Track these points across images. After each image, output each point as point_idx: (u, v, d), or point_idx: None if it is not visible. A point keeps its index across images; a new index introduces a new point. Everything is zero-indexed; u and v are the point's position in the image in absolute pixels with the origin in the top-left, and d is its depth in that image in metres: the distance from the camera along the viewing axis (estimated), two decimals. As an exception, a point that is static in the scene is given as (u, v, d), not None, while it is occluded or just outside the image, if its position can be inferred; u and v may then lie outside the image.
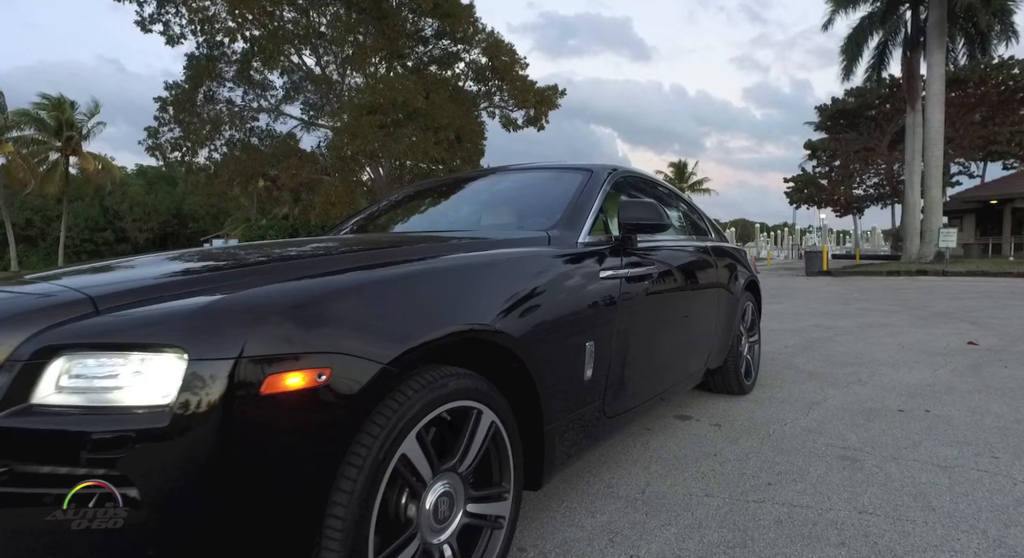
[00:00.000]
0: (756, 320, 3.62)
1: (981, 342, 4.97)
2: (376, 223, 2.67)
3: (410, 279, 1.29)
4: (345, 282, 1.20)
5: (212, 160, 17.16)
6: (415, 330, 1.21)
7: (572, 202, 2.09)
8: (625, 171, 2.53)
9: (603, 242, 2.05)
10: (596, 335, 1.81)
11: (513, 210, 2.34)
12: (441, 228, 2.38)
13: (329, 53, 16.76)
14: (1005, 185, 26.13)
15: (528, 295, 1.54)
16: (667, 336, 2.42)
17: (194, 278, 1.23)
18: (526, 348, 1.48)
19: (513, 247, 1.70)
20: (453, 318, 1.31)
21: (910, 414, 2.90)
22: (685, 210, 3.21)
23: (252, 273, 1.24)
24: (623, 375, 2.03)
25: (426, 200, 2.76)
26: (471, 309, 1.37)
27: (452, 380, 1.29)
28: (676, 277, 2.46)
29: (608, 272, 1.90)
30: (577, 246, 1.92)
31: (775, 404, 3.16)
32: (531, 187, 2.48)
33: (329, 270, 1.26)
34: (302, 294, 1.10)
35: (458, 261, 1.45)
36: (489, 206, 2.44)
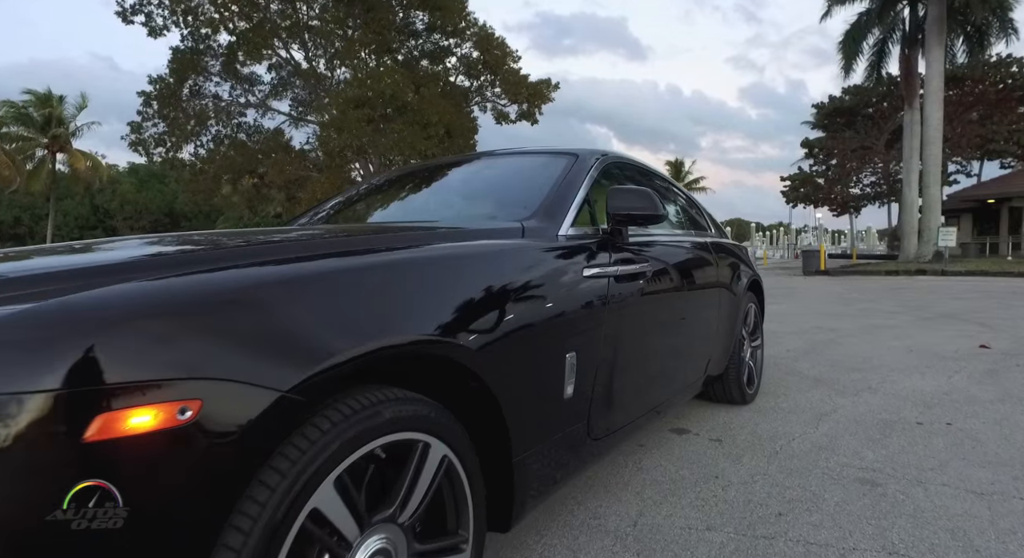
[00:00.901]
0: (759, 323, 3.34)
1: (993, 345, 4.71)
2: (340, 213, 2.38)
3: (329, 278, 1.00)
4: (232, 281, 0.91)
5: (198, 156, 16.75)
6: (333, 344, 0.92)
7: (553, 190, 1.81)
8: (615, 157, 2.25)
9: (589, 235, 1.77)
10: (579, 345, 1.53)
11: (486, 198, 2.06)
12: (406, 219, 2.09)
13: (318, 47, 16.40)
14: (1002, 184, 25.97)
15: (492, 298, 1.25)
16: (663, 342, 2.14)
17: (23, 277, 0.93)
18: (488, 364, 1.20)
19: (477, 239, 1.42)
20: (389, 328, 1.03)
21: (930, 428, 2.63)
22: (683, 203, 2.94)
23: (108, 271, 0.95)
24: (612, 389, 1.75)
25: (397, 189, 2.47)
26: (415, 316, 1.08)
27: (389, 407, 1.01)
28: (673, 276, 2.18)
29: (594, 270, 1.62)
30: (557, 239, 1.64)
31: (780, 415, 2.89)
32: (509, 173, 2.20)
33: (219, 265, 0.97)
34: (161, 297, 0.81)
35: (400, 257, 1.16)
36: (462, 195, 2.16)
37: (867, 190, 31.00)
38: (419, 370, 1.16)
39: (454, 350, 1.13)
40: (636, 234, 2.05)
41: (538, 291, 1.39)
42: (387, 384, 1.07)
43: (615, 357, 1.75)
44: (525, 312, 1.32)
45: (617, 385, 1.78)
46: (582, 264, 1.60)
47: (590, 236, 1.78)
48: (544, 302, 1.40)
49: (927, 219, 18.18)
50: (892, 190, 28.44)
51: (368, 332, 0.99)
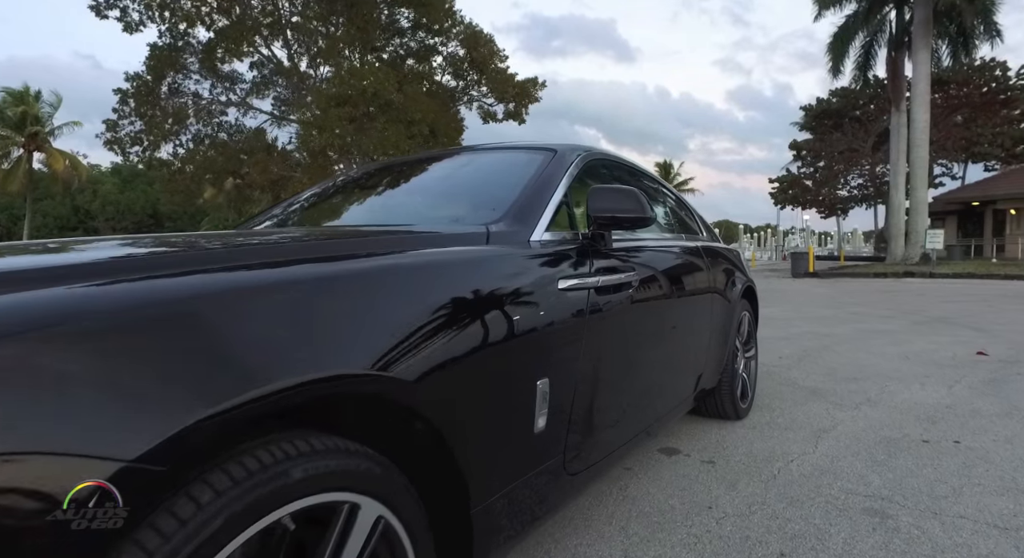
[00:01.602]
0: (753, 332, 3.15)
1: (990, 352, 4.57)
2: (294, 215, 2.15)
3: (209, 301, 0.78)
4: (52, 301, 0.68)
5: (177, 156, 16.31)
6: (212, 388, 0.70)
7: (526, 189, 1.60)
8: (598, 154, 2.04)
9: (567, 241, 1.56)
10: (553, 368, 1.31)
11: (452, 199, 1.84)
12: (360, 221, 1.86)
13: (301, 45, 16.06)
14: (986, 187, 26.20)
15: (441, 319, 1.03)
16: (652, 359, 1.93)
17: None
18: (435, 401, 0.98)
19: (430, 247, 1.20)
20: (298, 363, 0.80)
21: (938, 446, 2.45)
22: (672, 205, 2.74)
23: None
24: (593, 415, 1.54)
25: (358, 188, 2.24)
26: (330, 347, 0.86)
27: (300, 464, 0.78)
28: (662, 285, 1.97)
29: (572, 281, 1.41)
30: (529, 246, 1.42)
31: (776, 432, 2.69)
32: (480, 171, 1.98)
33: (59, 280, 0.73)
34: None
35: (319, 271, 0.94)
36: (426, 194, 1.94)
37: (854, 192, 31.14)
38: (349, 410, 0.94)
39: (388, 386, 0.91)
40: (621, 239, 1.85)
41: (502, 308, 1.17)
42: (306, 428, 0.85)
43: (597, 379, 1.54)
44: (484, 334, 1.10)
45: (599, 410, 1.57)
46: (558, 274, 1.38)
47: (568, 241, 1.56)
48: (509, 320, 1.18)
49: (914, 221, 18.22)
50: (879, 192, 28.58)
51: (271, 369, 0.76)
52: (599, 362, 1.55)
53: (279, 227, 1.94)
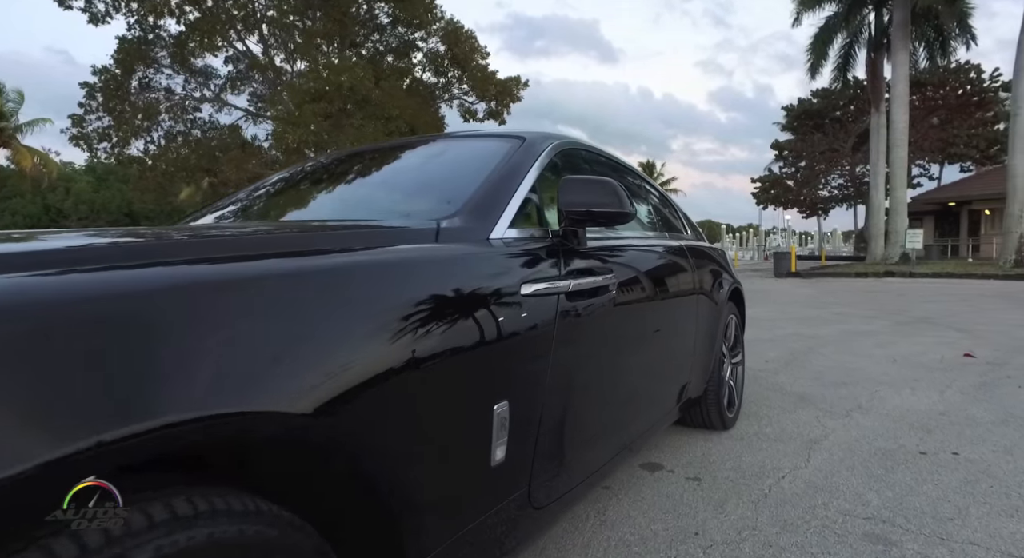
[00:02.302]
0: (740, 336, 2.98)
1: (976, 354, 4.48)
2: (241, 208, 1.92)
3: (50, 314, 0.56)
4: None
5: (148, 153, 15.77)
6: (25, 443, 0.49)
7: (487, 181, 1.40)
8: (573, 143, 1.85)
9: (535, 239, 1.37)
10: (514, 389, 1.12)
11: (405, 191, 1.63)
12: (302, 217, 1.64)
13: (278, 40, 15.64)
14: (962, 187, 26.59)
15: (368, 334, 0.83)
16: (633, 369, 1.74)
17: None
18: (360, 439, 0.78)
19: (359, 246, 0.99)
20: (166, 400, 0.59)
21: (936, 459, 2.30)
22: (655, 201, 2.56)
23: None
24: (565, 439, 1.34)
25: (311, 180, 2.01)
26: (218, 375, 0.65)
27: (158, 536, 0.58)
28: (643, 287, 1.79)
29: (538, 285, 1.21)
30: (488, 244, 1.22)
31: (766, 444, 2.53)
32: (440, 160, 1.77)
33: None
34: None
35: (200, 276, 0.72)
36: (381, 186, 1.72)
37: (835, 192, 31.46)
38: (240, 457, 0.73)
39: (294, 424, 0.70)
40: (598, 237, 1.66)
41: (448, 319, 0.97)
42: (174, 483, 0.64)
43: (569, 396, 1.34)
44: (426, 352, 0.90)
45: (572, 431, 1.37)
46: (521, 277, 1.18)
47: (536, 240, 1.37)
48: (458, 334, 0.98)
49: (894, 221, 18.37)
50: (859, 192, 28.90)
51: (124, 409, 0.55)
52: (571, 377, 1.35)
53: (211, 222, 1.71)
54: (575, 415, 1.38)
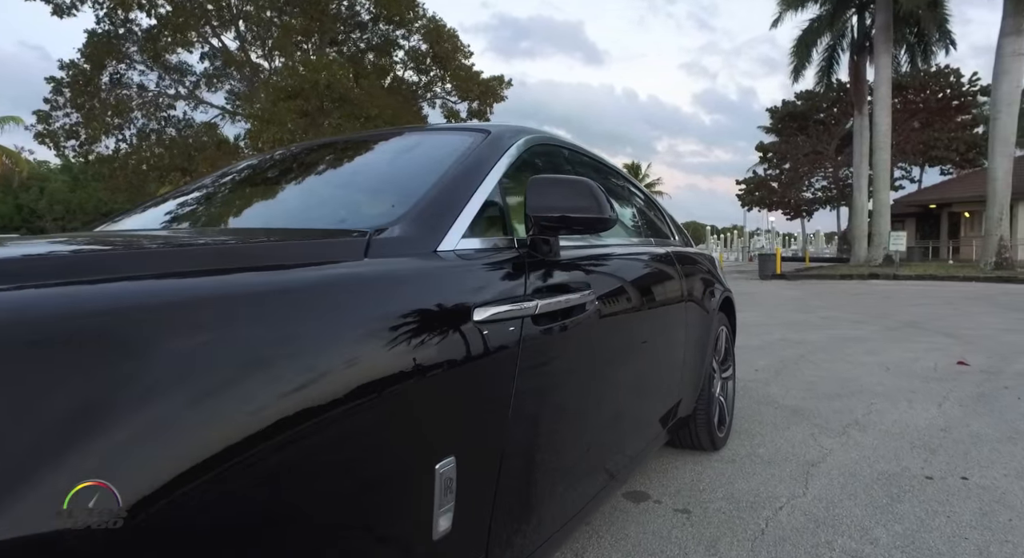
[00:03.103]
0: (731, 348, 2.79)
1: (970, 361, 4.34)
2: (171, 211, 1.67)
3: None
4: None
5: (119, 151, 15.23)
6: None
7: (440, 181, 1.17)
8: (547, 139, 1.63)
9: (496, 250, 1.15)
10: (463, 442, 0.90)
11: (349, 193, 1.40)
12: (218, 222, 1.40)
13: (255, 37, 15.22)
14: (943, 190, 26.86)
15: (256, 383, 0.60)
16: (614, 398, 1.53)
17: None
18: (241, 521, 0.56)
19: (242, 267, 0.76)
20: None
21: (944, 485, 2.11)
22: (639, 204, 2.35)
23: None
24: (530, 491, 1.12)
25: (252, 179, 1.76)
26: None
27: None
28: (627, 303, 1.57)
29: (496, 309, 0.99)
30: (435, 257, 1.00)
31: (759, 467, 2.33)
32: (393, 157, 1.54)
33: None
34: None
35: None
36: (323, 187, 1.49)
37: (818, 194, 31.68)
38: None
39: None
40: (573, 246, 1.44)
41: (370, 361, 0.74)
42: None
43: (536, 440, 1.12)
44: (337, 406, 0.68)
45: (541, 480, 1.15)
46: (474, 299, 0.96)
47: (498, 251, 1.15)
48: (383, 380, 0.75)
49: (877, 223, 18.45)
50: (842, 194, 29.11)
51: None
52: (539, 416, 1.13)
53: (124, 229, 1.46)
54: (545, 460, 1.16)
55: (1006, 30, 15.40)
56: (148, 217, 1.54)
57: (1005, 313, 7.48)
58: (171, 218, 1.47)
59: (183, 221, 1.46)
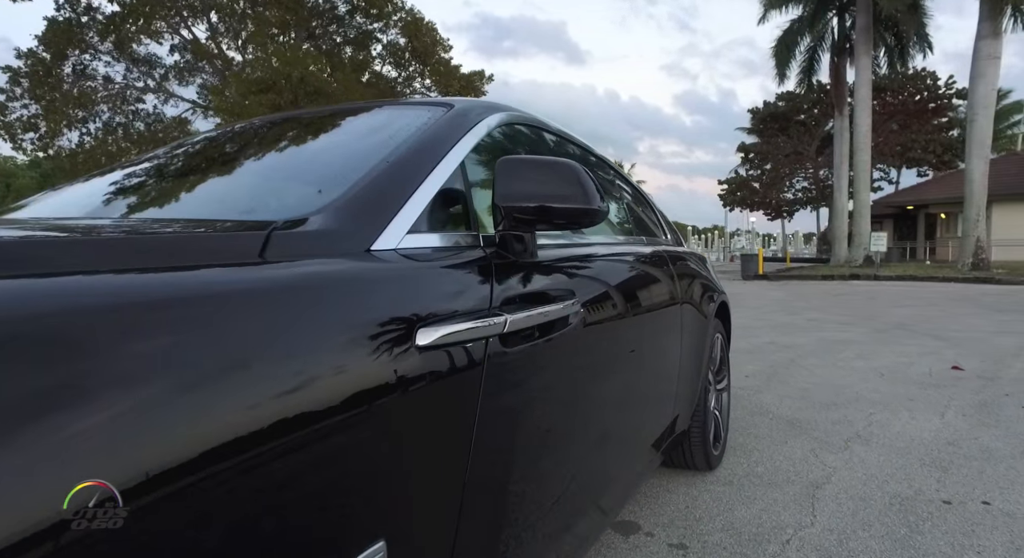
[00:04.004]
0: (726, 357, 2.57)
1: (964, 365, 4.20)
2: (89, 194, 1.38)
3: None
4: None
5: (83, 145, 14.59)
6: None
7: (383, 162, 0.91)
8: (523, 117, 1.38)
9: (453, 249, 0.90)
10: (397, 518, 0.64)
11: (277, 177, 1.13)
12: (132, 214, 1.13)
13: (229, 29, 14.72)
14: (920, 191, 27.21)
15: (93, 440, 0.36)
16: (601, 428, 1.29)
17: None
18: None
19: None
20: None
21: (966, 511, 1.91)
22: (629, 199, 2.11)
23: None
24: (499, 548, 0.87)
25: (181, 158, 1.48)
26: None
27: None
28: (618, 313, 1.33)
29: (448, 328, 0.73)
30: (369, 258, 0.75)
31: (760, 490, 2.11)
32: (335, 135, 1.28)
33: None
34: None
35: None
36: (253, 170, 1.21)
37: (799, 195, 31.92)
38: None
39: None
40: (553, 244, 1.20)
41: (250, 414, 0.49)
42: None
43: (502, 497, 0.88)
44: (214, 473, 0.42)
45: (507, 541, 0.90)
46: (417, 316, 0.71)
47: (456, 250, 0.90)
48: (278, 438, 0.50)
49: (858, 224, 18.56)
50: (822, 195, 29.35)
51: None
52: (508, 468, 0.88)
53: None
54: (516, 518, 0.91)
55: (982, 33, 15.55)
56: (53, 202, 1.25)
57: (989, 314, 7.43)
58: (68, 204, 1.19)
59: (76, 207, 1.18)
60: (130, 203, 1.07)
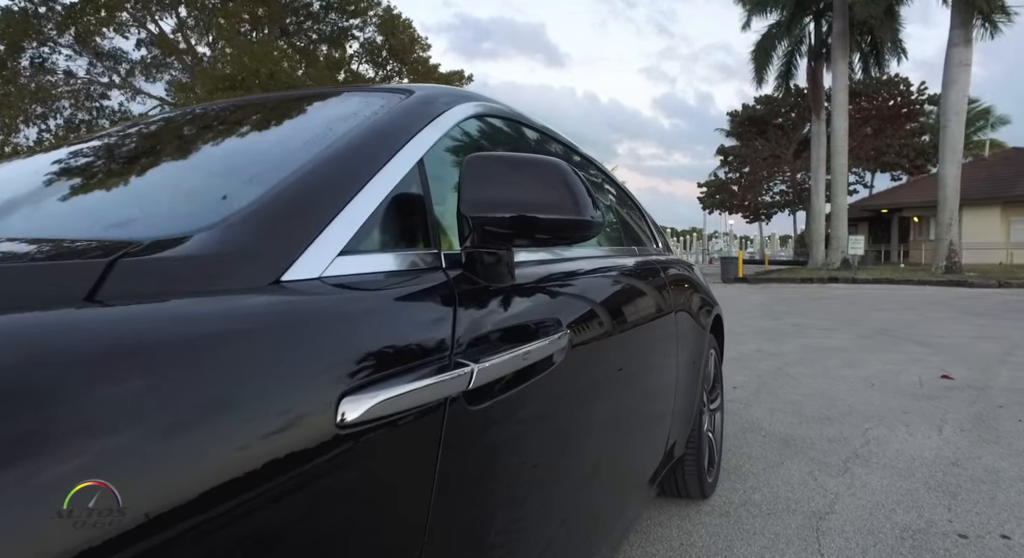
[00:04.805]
0: (719, 375, 2.40)
1: (953, 373, 4.11)
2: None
3: None
4: None
5: (42, 142, 13.95)
6: None
7: (311, 162, 0.69)
8: (497, 109, 1.17)
9: (408, 272, 0.69)
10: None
11: (177, 182, 0.90)
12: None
13: (198, 22, 14.22)
14: (894, 195, 27.68)
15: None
16: (592, 473, 1.08)
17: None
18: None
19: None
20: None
21: (984, 547, 1.75)
22: (616, 202, 1.92)
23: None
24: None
25: (79, 157, 1.23)
26: None
27: None
28: (611, 340, 1.13)
29: (391, 392, 0.52)
30: (274, 292, 0.53)
31: (759, 521, 1.93)
32: (267, 129, 1.06)
33: None
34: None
35: None
36: (155, 174, 0.99)
37: (777, 198, 32.26)
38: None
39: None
40: (535, 261, 0.99)
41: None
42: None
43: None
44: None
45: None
46: (345, 383, 0.49)
47: (412, 274, 0.69)
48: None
49: (836, 227, 18.73)
50: (800, 198, 29.69)
51: None
52: (474, 546, 0.67)
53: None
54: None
55: (954, 41, 15.80)
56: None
57: (968, 319, 7.44)
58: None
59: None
60: (40, 206, 0.84)
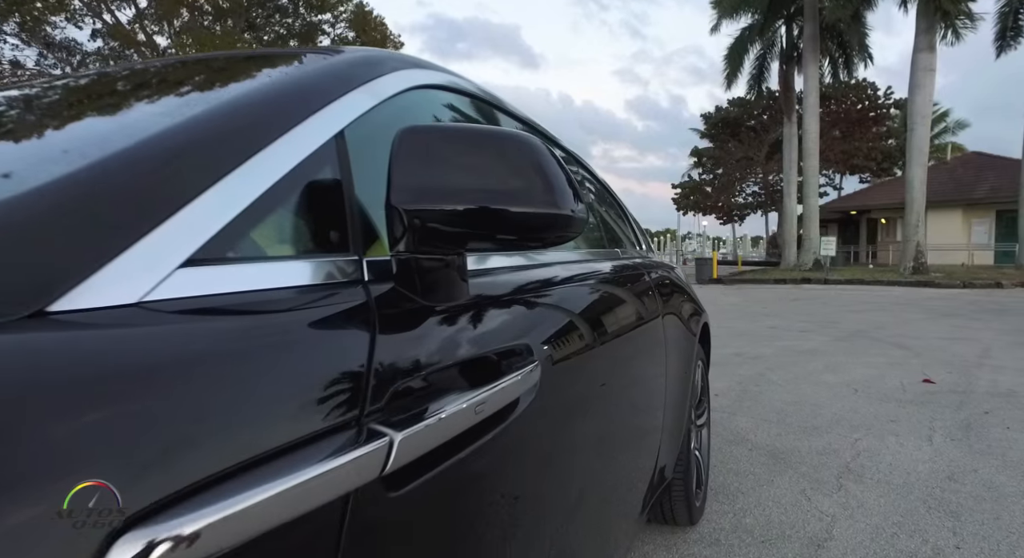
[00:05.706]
0: (706, 387, 2.22)
1: (934, 377, 4.04)
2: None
3: None
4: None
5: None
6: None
7: (144, 144, 0.47)
8: (449, 81, 0.95)
9: (313, 288, 0.47)
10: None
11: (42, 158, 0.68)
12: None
13: (156, 13, 13.64)
14: (863, 197, 28.25)
15: None
16: (566, 524, 0.88)
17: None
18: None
19: None
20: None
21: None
22: (596, 198, 1.72)
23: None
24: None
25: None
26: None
27: None
28: (596, 360, 0.93)
29: (253, 498, 0.30)
30: (26, 329, 0.31)
31: (752, 551, 1.76)
32: (124, 102, 0.83)
33: None
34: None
35: None
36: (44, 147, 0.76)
37: (750, 199, 32.68)
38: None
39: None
40: (493, 268, 0.79)
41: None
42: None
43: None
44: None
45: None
46: (127, 509, 0.28)
47: (319, 290, 0.47)
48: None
49: (808, 228, 18.95)
50: (772, 199, 30.10)
51: None
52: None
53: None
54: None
55: (919, 46, 16.12)
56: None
57: (940, 320, 7.48)
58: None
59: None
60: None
